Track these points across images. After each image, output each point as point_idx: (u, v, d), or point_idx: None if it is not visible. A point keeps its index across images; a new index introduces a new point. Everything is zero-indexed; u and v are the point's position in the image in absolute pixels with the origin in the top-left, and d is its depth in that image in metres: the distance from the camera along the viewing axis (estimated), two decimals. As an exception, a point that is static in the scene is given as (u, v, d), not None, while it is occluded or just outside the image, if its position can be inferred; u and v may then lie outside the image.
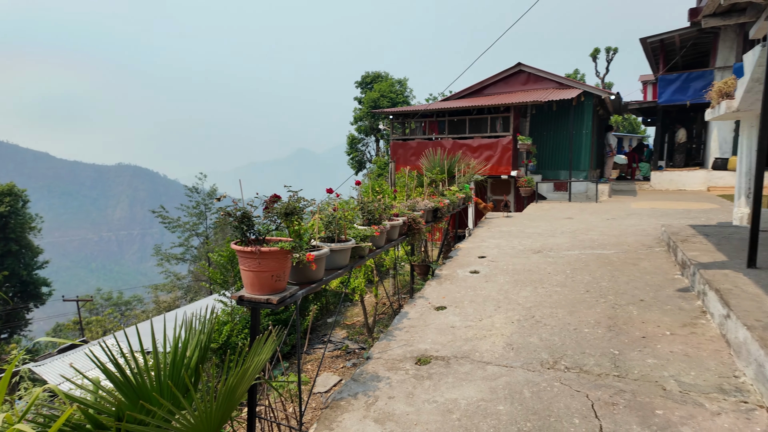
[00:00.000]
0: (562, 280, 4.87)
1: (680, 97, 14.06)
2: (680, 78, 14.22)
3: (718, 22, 4.46)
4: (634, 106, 16.29)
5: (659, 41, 14.18)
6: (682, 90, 14.13)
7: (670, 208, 9.99)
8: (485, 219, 10.08)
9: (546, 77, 14.37)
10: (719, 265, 4.19)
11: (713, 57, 13.94)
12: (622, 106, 15.86)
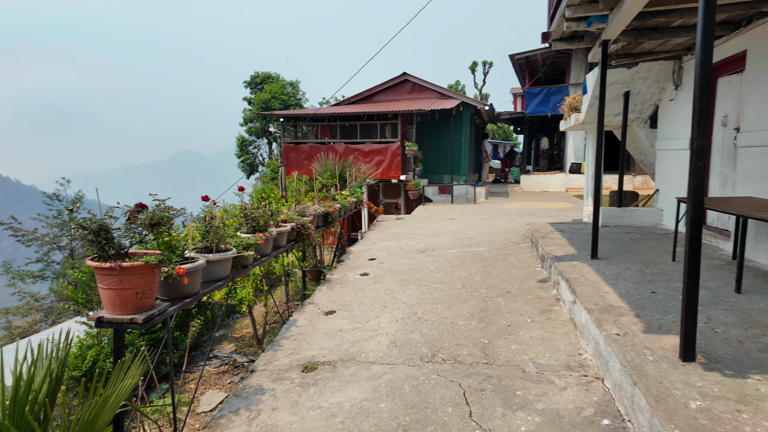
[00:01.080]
0: (443, 277, 5.21)
1: (543, 109, 15.91)
2: (542, 92, 16.09)
3: (564, 46, 5.14)
4: (506, 116, 18.05)
5: (525, 58, 15.91)
6: (545, 103, 16.01)
7: (535, 208, 11.25)
8: (377, 222, 10.35)
9: (429, 87, 15.24)
10: (570, 257, 4.83)
11: (568, 75, 16.03)
12: (495, 116, 17.46)
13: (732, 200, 3.96)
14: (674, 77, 5.93)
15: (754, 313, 2.99)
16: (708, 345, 2.56)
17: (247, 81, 30.43)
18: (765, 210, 3.28)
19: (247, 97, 30.02)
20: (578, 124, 7.18)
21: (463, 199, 13.87)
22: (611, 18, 3.99)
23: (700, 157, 2.30)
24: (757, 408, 1.93)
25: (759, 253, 4.22)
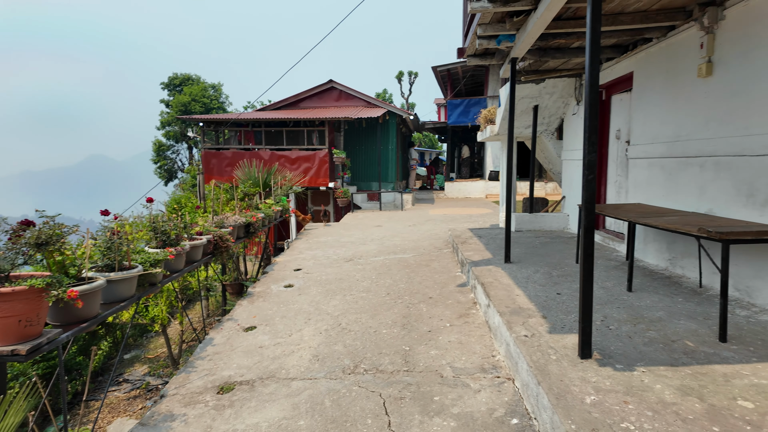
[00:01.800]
0: (368, 285, 5.23)
1: (464, 120, 16.66)
2: (463, 103, 16.85)
3: (478, 62, 5.42)
4: (430, 126, 18.67)
5: (447, 70, 16.57)
6: (465, 113, 16.77)
7: (458, 214, 11.72)
8: (305, 230, 10.19)
9: (356, 95, 15.35)
10: (486, 262, 5.07)
11: (486, 87, 16.93)
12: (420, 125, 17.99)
13: (624, 207, 4.39)
14: (576, 93, 6.48)
15: (642, 310, 3.32)
16: (603, 342, 2.80)
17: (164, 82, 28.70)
18: (650, 216, 3.67)
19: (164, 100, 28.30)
20: (493, 136, 7.59)
21: (391, 205, 14.09)
22: (518, 38, 4.28)
23: (591, 170, 2.52)
24: (641, 398, 2.14)
25: (647, 254, 4.72)
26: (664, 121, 4.39)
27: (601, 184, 6.06)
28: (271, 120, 13.82)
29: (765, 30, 3.17)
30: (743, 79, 3.36)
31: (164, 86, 28.61)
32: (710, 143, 3.69)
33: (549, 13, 3.39)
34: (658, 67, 4.52)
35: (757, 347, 2.61)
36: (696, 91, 3.90)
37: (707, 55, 3.71)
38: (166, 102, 28.08)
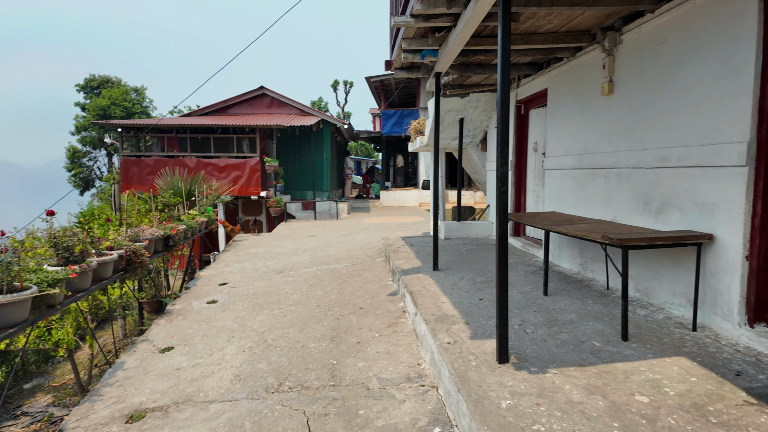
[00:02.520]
0: (298, 298, 5.11)
1: (398, 130, 16.95)
2: (397, 114, 17.16)
3: (405, 75, 5.53)
4: (365, 135, 18.81)
5: (380, 81, 16.81)
6: (399, 124, 17.07)
7: (392, 222, 11.86)
8: (233, 242, 9.80)
9: (289, 103, 15.11)
10: (415, 270, 5.15)
11: (418, 99, 17.37)
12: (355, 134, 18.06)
13: (540, 215, 4.65)
14: (498, 107, 6.82)
15: (556, 313, 3.52)
16: (520, 345, 2.92)
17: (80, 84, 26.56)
18: (563, 224, 3.92)
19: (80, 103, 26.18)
20: (423, 146, 7.78)
21: (326, 215, 13.95)
22: (440, 53, 4.42)
23: (503, 182, 2.64)
24: (552, 399, 2.25)
25: (562, 259, 5.03)
26: (574, 135, 4.72)
27: (521, 193, 6.40)
28: (197, 126, 13.20)
29: (652, 55, 3.52)
30: (638, 98, 3.70)
31: (80, 88, 26.50)
32: (613, 156, 4.02)
33: (467, 30, 3.54)
34: (568, 85, 4.87)
35: (653, 344, 2.85)
36: (600, 108, 4.24)
37: (608, 75, 4.05)
38: (82, 105, 26.00)
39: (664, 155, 3.36)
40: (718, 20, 2.91)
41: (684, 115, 3.19)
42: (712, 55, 2.95)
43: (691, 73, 3.13)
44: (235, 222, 14.16)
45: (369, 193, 19.84)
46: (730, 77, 2.81)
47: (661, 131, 3.42)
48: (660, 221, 3.45)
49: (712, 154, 2.93)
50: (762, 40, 2.62)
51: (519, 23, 4.03)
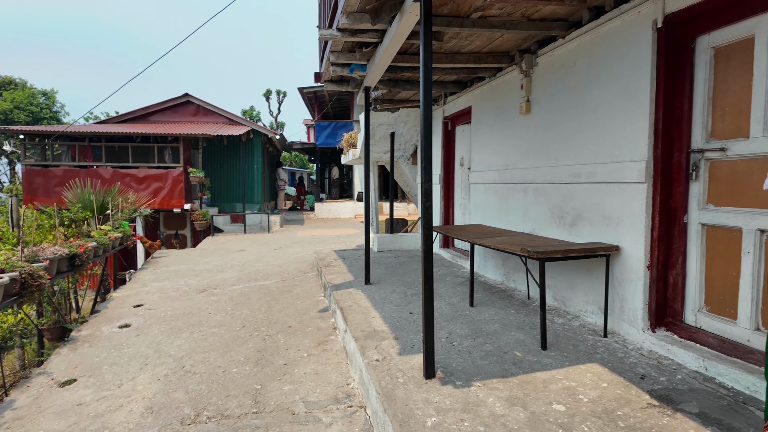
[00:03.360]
0: (222, 318, 4.83)
1: (332, 141, 16.88)
2: (331, 125, 17.09)
3: (335, 88, 5.49)
4: (298, 146, 18.53)
5: (313, 93, 16.67)
6: (333, 135, 17.01)
7: (326, 235, 11.71)
8: (153, 258, 9.14)
9: (217, 111, 14.52)
10: (347, 284, 5.07)
11: (352, 111, 17.43)
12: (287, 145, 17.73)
13: (466, 227, 4.79)
14: (427, 122, 6.99)
15: (481, 324, 3.61)
16: (447, 359, 2.95)
17: (-27, 85, 23.77)
18: (486, 236, 4.05)
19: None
20: (355, 159, 7.77)
21: (257, 228, 13.48)
22: (369, 68, 4.44)
23: (428, 197, 2.66)
24: (476, 414, 2.27)
25: (487, 270, 5.21)
26: (496, 151, 4.93)
27: (449, 206, 6.58)
28: (114, 134, 12.26)
29: (564, 77, 3.77)
30: (552, 118, 3.93)
31: (-27, 89, 23.70)
32: (531, 172, 4.23)
33: (393, 47, 3.58)
34: (490, 103, 5.09)
35: (569, 352, 3.00)
36: (519, 126, 4.46)
37: (526, 95, 4.28)
38: (-24, 108, 23.23)
39: (575, 172, 3.59)
40: (618, 48, 3.17)
41: (592, 135, 3.43)
42: (614, 79, 3.21)
43: (597, 95, 3.38)
44: (155, 237, 13.26)
45: (303, 204, 19.50)
46: (629, 101, 3.06)
47: (573, 149, 3.65)
48: (574, 233, 3.67)
49: (616, 172, 3.17)
50: (656, 67, 2.89)
51: (443, 42, 4.16)
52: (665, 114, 2.86)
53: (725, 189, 2.62)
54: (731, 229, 2.58)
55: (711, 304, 2.72)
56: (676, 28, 2.83)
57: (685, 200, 2.84)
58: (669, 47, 2.84)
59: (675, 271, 2.90)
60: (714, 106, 2.69)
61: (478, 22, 3.60)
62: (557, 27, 3.71)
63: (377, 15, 3.07)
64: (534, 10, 3.47)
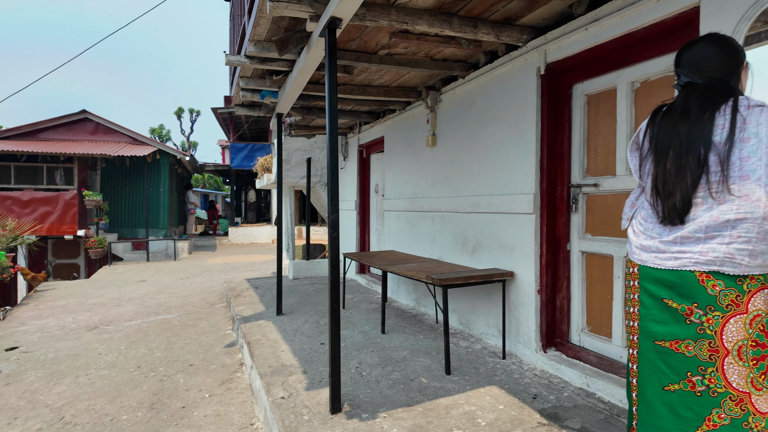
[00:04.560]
0: (114, 359, 4.38)
1: (248, 164, 16.38)
2: (247, 147, 16.62)
3: (246, 112, 5.37)
4: (211, 168, 17.74)
5: (228, 113, 16.16)
6: (250, 157, 16.53)
7: (240, 262, 11.22)
8: (36, 292, 8.10)
9: (119, 130, 13.48)
10: (258, 316, 4.88)
11: (270, 134, 17.12)
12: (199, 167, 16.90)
13: (379, 254, 4.86)
14: (342, 149, 7.07)
15: (391, 351, 3.65)
16: (355, 390, 2.92)
17: None
18: (397, 263, 4.14)
19: None
20: (271, 184, 7.61)
21: (162, 255, 12.55)
22: (280, 95, 4.41)
23: (335, 228, 2.67)
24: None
25: (400, 295, 5.31)
26: (407, 180, 5.12)
27: (366, 231, 6.66)
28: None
29: (465, 114, 4.04)
30: (455, 151, 4.18)
31: None
32: (437, 201, 4.44)
33: (302, 77, 3.60)
34: (401, 134, 5.29)
35: (471, 375, 3.12)
36: (426, 157, 4.68)
37: (432, 129, 4.51)
38: None
39: (475, 202, 3.83)
40: (510, 90, 3.48)
41: (489, 169, 3.70)
42: (507, 119, 3.51)
43: (493, 133, 3.66)
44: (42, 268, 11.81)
45: (216, 229, 18.56)
46: (519, 139, 3.36)
47: (473, 181, 3.90)
48: (475, 260, 3.88)
49: (510, 203, 3.43)
50: (540, 110, 3.21)
51: (353, 75, 4.27)
52: (549, 152, 3.17)
53: (599, 220, 2.95)
54: (605, 256, 2.90)
55: (592, 324, 3.01)
56: (556, 76, 3.18)
57: (567, 230, 3.14)
58: (551, 92, 3.17)
59: (561, 294, 3.18)
60: (588, 147, 3.04)
61: (385, 59, 3.76)
62: (458, 67, 3.99)
63: (284, 46, 3.08)
64: (436, 51, 3.71)
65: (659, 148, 1.47)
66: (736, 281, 1.31)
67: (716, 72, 1.44)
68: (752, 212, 1.26)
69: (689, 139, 1.39)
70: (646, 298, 1.49)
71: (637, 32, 2.53)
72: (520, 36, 3.18)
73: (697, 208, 1.38)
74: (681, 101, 1.47)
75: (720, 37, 1.49)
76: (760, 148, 1.27)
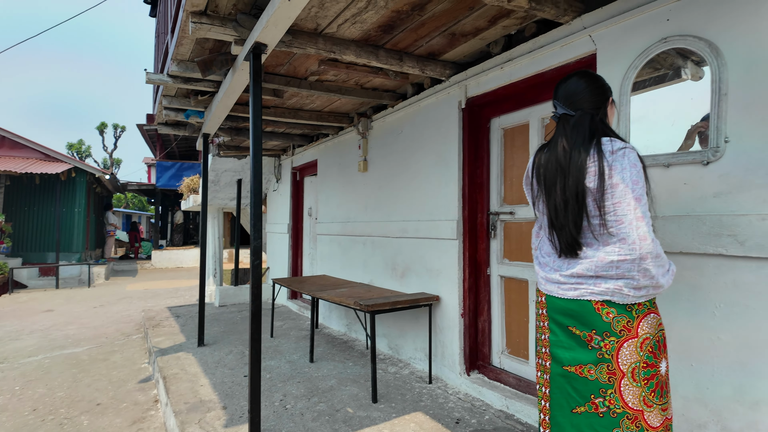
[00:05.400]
0: (5, 402, 3.89)
1: (175, 183, 15.59)
2: (176, 166, 15.84)
3: (170, 131, 5.14)
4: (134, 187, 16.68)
5: (155, 130, 15.36)
6: (177, 177, 15.75)
7: (163, 288, 10.53)
8: None
9: (29, 145, 12.34)
10: (177, 348, 4.57)
11: (199, 152, 16.47)
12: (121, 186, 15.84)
13: (310, 279, 4.78)
14: (275, 171, 6.95)
15: (318, 381, 3.55)
16: (277, 425, 2.80)
17: None
18: (328, 288, 4.08)
19: None
20: (197, 206, 7.28)
21: (75, 281, 11.47)
22: (206, 116, 4.28)
23: (257, 255, 2.59)
24: (298, 483, 2.17)
25: (332, 320, 5.23)
26: (340, 204, 5.12)
27: (298, 255, 6.53)
28: None
29: (394, 142, 4.14)
30: (385, 177, 4.26)
31: None
32: (368, 225, 4.47)
33: (229, 99, 3.52)
34: (334, 158, 5.31)
35: (397, 402, 3.12)
36: (358, 182, 4.72)
37: (363, 155, 4.57)
38: None
39: (404, 227, 3.90)
40: (435, 121, 3.62)
41: (417, 195, 3.80)
42: (432, 148, 3.64)
43: (420, 160, 3.78)
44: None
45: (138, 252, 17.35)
46: (444, 167, 3.49)
47: (402, 207, 3.98)
48: (404, 284, 3.93)
49: (436, 229, 3.53)
50: (462, 141, 3.36)
51: (284, 99, 4.25)
52: (470, 181, 3.32)
53: (515, 246, 3.11)
54: (521, 280, 3.05)
55: (511, 346, 3.13)
56: (476, 110, 3.36)
57: (487, 255, 3.28)
58: (471, 125, 3.34)
59: (483, 317, 3.29)
60: (505, 177, 3.22)
61: (315, 85, 3.79)
62: (387, 97, 4.10)
63: (207, 68, 3.01)
64: (366, 80, 3.79)
65: (547, 186, 1.59)
66: (626, 308, 1.44)
67: (587, 105, 1.59)
68: (630, 254, 1.39)
69: (567, 183, 1.50)
70: (554, 325, 1.58)
71: (545, 73, 2.75)
72: (443, 71, 3.34)
73: (587, 248, 1.50)
74: (557, 137, 1.60)
75: (591, 74, 1.65)
76: (627, 193, 1.41)
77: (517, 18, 2.68)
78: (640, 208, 1.40)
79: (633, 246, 1.39)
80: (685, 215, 1.96)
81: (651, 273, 1.39)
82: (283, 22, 2.32)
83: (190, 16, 2.57)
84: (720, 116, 1.87)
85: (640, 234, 1.38)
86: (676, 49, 2.07)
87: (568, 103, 1.62)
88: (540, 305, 1.67)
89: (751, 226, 1.75)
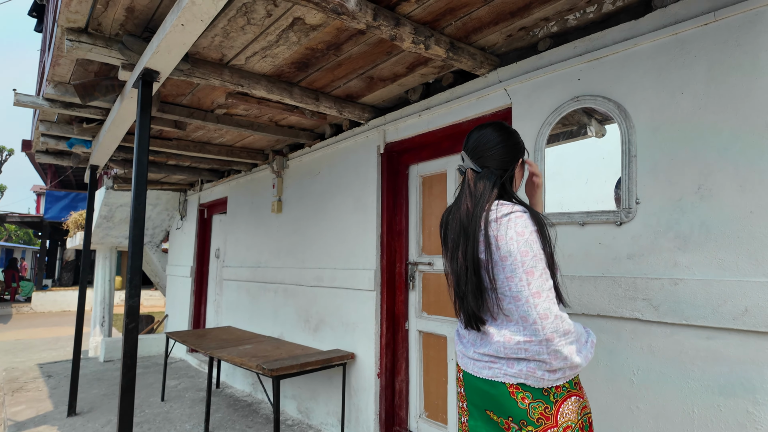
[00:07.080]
0: None
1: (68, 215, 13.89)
2: (69, 196, 14.16)
3: (51, 161, 4.48)
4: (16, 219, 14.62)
5: (47, 156, 13.73)
6: (72, 208, 14.05)
7: (40, 338, 9.04)
8: None
9: None
10: (40, 419, 3.77)
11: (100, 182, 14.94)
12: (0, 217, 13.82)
13: (212, 333, 4.26)
14: (180, 208, 6.35)
15: (212, 457, 3.05)
16: None
17: None
18: (230, 344, 3.62)
19: None
20: (85, 244, 6.39)
21: None
22: (94, 145, 3.76)
23: (133, 318, 2.17)
24: None
25: (236, 379, 4.68)
26: (250, 246, 4.71)
27: (202, 302, 5.92)
28: None
29: (311, 183, 3.90)
30: (301, 220, 3.97)
31: None
32: (281, 272, 4.11)
33: (118, 129, 3.10)
34: (245, 197, 4.92)
35: (303, 480, 2.73)
36: (272, 224, 4.38)
37: (278, 195, 4.27)
38: None
39: (319, 275, 3.61)
40: (353, 164, 3.45)
41: (333, 241, 3.55)
42: (350, 192, 3.44)
43: (338, 205, 3.56)
44: None
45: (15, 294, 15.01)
46: (362, 213, 3.30)
47: (317, 253, 3.70)
48: (318, 338, 3.60)
49: (352, 278, 3.29)
50: (380, 187, 3.21)
51: (188, 131, 3.87)
52: (389, 228, 3.15)
53: (434, 299, 2.95)
54: (439, 336, 2.88)
55: (429, 409, 2.91)
56: (395, 156, 3.25)
57: (406, 308, 3.09)
58: (390, 171, 3.21)
59: (400, 377, 3.05)
60: (424, 225, 3.09)
61: (223, 119, 3.47)
62: (304, 135, 3.88)
63: (88, 93, 2.60)
64: (280, 117, 3.55)
65: (451, 249, 1.41)
66: (542, 393, 1.27)
67: (494, 163, 1.42)
68: (535, 335, 1.23)
69: (467, 249, 1.34)
70: (472, 407, 1.39)
71: (462, 124, 2.70)
72: (362, 114, 3.21)
73: (491, 324, 1.33)
74: (462, 195, 1.43)
75: (506, 128, 1.49)
76: (517, 266, 1.25)
77: (434, 67, 2.63)
78: (534, 282, 1.24)
79: (535, 327, 1.23)
80: (601, 276, 1.91)
81: (563, 354, 1.24)
82: (178, 49, 2.04)
83: (66, 32, 2.19)
84: (630, 177, 1.87)
85: (540, 312, 1.22)
86: (584, 108, 2.09)
87: (476, 156, 1.45)
88: (458, 383, 1.47)
89: (664, 290, 1.72)
